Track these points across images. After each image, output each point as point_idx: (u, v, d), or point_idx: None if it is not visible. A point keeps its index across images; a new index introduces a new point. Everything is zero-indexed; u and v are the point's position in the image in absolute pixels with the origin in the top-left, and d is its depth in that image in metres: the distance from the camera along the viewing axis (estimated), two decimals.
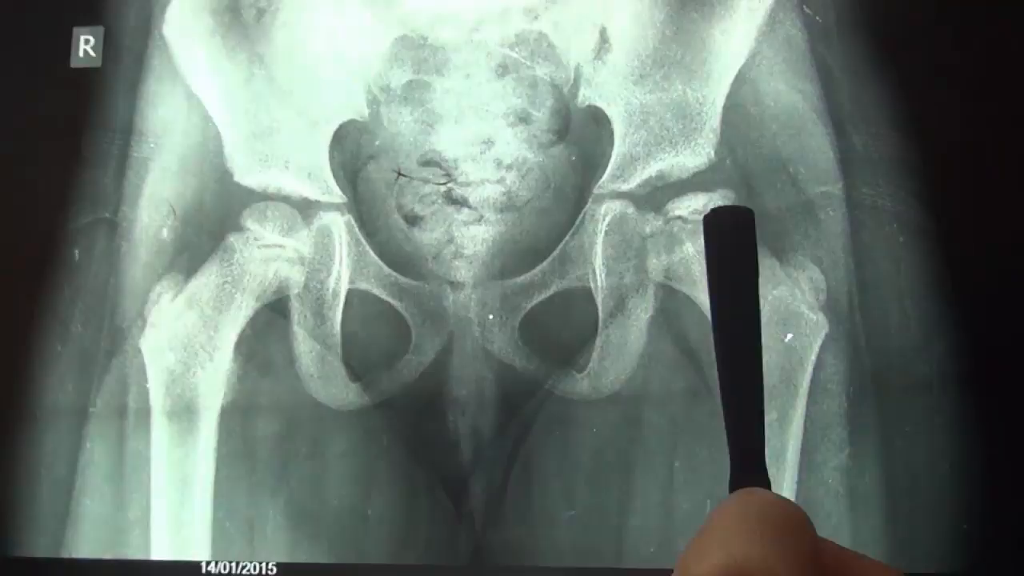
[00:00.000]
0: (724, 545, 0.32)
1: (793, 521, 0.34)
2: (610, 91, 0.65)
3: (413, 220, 0.66)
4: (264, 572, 0.63)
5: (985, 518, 0.59)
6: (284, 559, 0.64)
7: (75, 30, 0.70)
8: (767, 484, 0.37)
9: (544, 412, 0.64)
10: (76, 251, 0.68)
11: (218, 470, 0.65)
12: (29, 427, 0.67)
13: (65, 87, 0.70)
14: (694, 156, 0.64)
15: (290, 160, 0.67)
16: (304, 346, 0.66)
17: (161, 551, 0.65)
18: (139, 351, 0.67)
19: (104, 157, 0.69)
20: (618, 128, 0.65)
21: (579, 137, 0.66)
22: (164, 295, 0.67)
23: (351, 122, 0.67)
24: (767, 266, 0.63)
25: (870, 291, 0.62)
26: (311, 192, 0.67)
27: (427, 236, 0.66)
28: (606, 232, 0.65)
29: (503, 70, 0.66)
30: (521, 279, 0.65)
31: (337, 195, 0.67)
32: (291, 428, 0.65)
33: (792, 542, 0.33)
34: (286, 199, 0.67)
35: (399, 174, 0.66)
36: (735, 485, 0.37)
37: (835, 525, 0.60)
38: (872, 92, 0.63)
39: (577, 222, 0.65)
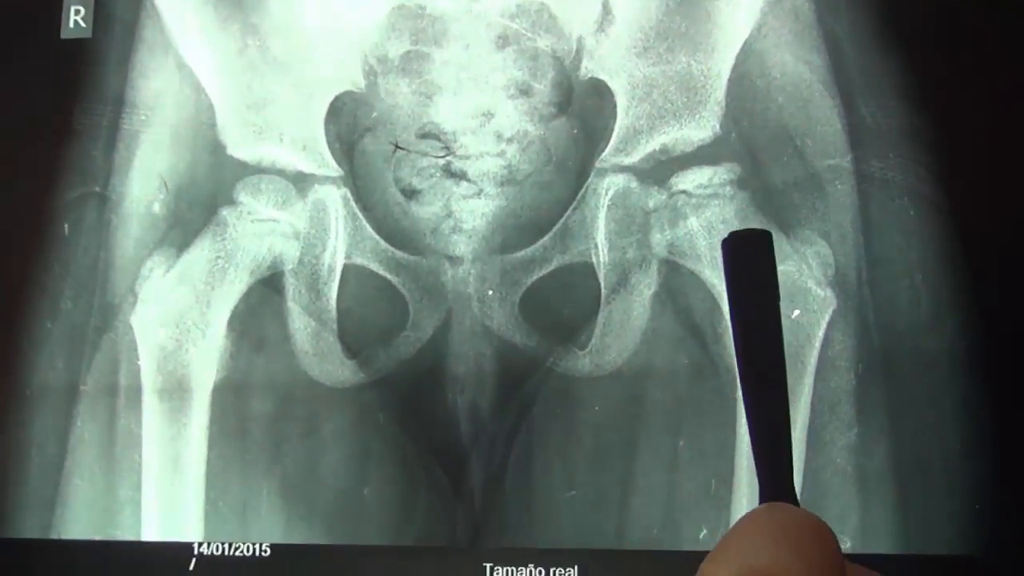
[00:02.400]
0: (742, 550, 0.32)
1: (817, 534, 0.33)
2: (613, 63, 0.64)
3: (411, 194, 0.65)
4: (258, 553, 0.62)
5: (999, 498, 0.58)
6: (278, 540, 0.63)
7: (65, 0, 0.69)
8: (796, 498, 0.37)
9: (545, 390, 0.62)
10: (65, 225, 0.67)
11: (210, 449, 0.64)
12: (18, 406, 0.66)
13: (55, 58, 0.68)
14: (699, 129, 0.63)
15: (285, 132, 0.66)
16: (299, 322, 0.65)
17: (152, 532, 0.64)
18: (130, 327, 0.65)
19: (94, 129, 0.67)
20: (621, 101, 0.64)
21: (581, 110, 0.64)
22: (155, 270, 0.66)
23: (347, 93, 0.66)
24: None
25: (879, 266, 0.61)
26: (306, 165, 0.66)
27: (425, 210, 0.64)
28: (609, 206, 0.63)
29: (503, 41, 0.65)
30: (521, 254, 0.64)
31: (333, 168, 0.66)
32: (285, 406, 0.64)
33: (813, 552, 0.32)
34: (280, 172, 0.66)
35: (396, 147, 0.65)
36: (764, 498, 0.37)
37: (843, 506, 0.59)
38: (881, 62, 0.61)
39: (579, 196, 0.64)
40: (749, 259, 0.38)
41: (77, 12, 0.68)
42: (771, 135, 0.62)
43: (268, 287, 0.65)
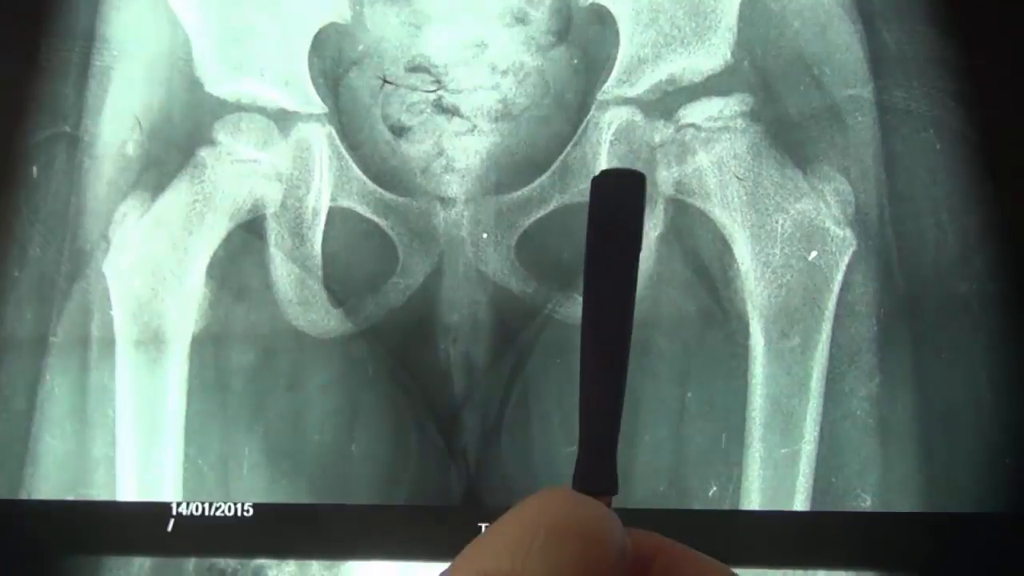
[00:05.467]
0: (483, 553, 0.29)
1: (581, 533, 0.30)
2: None
3: (400, 131, 0.61)
4: (239, 513, 0.60)
5: None
6: (261, 500, 0.60)
7: None
8: (611, 481, 0.33)
9: (543, 339, 0.59)
10: (34, 168, 0.64)
11: (189, 404, 0.62)
12: None
13: None
14: (708, 57, 0.59)
15: (266, 67, 0.63)
16: (282, 269, 0.62)
17: (128, 492, 0.61)
18: (103, 275, 0.63)
19: (64, 66, 0.64)
20: (624, 28, 0.60)
21: (581, 38, 0.61)
22: (129, 215, 0.63)
23: (332, 25, 0.62)
24: (789, 177, 0.58)
25: (903, 204, 0.57)
26: (288, 102, 0.63)
27: (415, 148, 0.61)
28: (611, 142, 0.60)
29: None
30: (518, 194, 0.61)
31: (317, 105, 0.62)
32: (268, 358, 0.61)
33: (567, 560, 0.29)
34: (261, 110, 0.63)
35: (384, 81, 0.61)
36: (574, 477, 0.34)
37: (864, 461, 0.56)
38: None
39: (579, 131, 0.60)
40: (617, 202, 0.35)
41: None
42: (786, 63, 0.59)
43: (249, 232, 0.62)
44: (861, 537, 0.55)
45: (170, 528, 0.60)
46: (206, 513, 0.60)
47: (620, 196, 0.35)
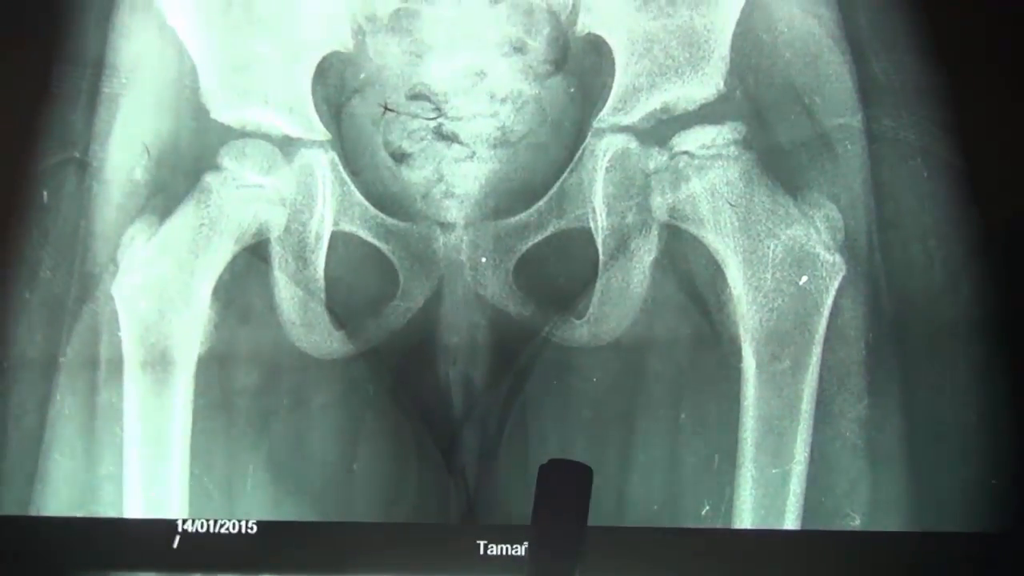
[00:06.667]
0: None
1: None
2: (611, 18, 0.61)
3: (401, 157, 0.62)
4: (244, 531, 0.60)
5: (1016, 473, 0.56)
6: (265, 517, 0.61)
7: None
8: None
9: (540, 360, 0.61)
10: (44, 192, 0.64)
11: (195, 423, 0.62)
12: None
13: (33, 18, 0.66)
14: (701, 87, 0.60)
15: (270, 95, 0.64)
16: (285, 292, 0.63)
17: (135, 509, 0.62)
18: (111, 298, 0.63)
19: (74, 93, 0.65)
20: (620, 57, 0.61)
21: (578, 67, 0.62)
22: (137, 238, 0.64)
23: (335, 54, 0.63)
24: (780, 203, 0.59)
25: (891, 230, 0.58)
26: (292, 129, 0.63)
27: (416, 174, 0.62)
28: (607, 169, 0.61)
29: None
30: (516, 219, 0.62)
31: (320, 132, 0.63)
32: (272, 378, 0.62)
33: None
34: (266, 136, 0.64)
35: (386, 109, 0.62)
36: None
37: (853, 481, 0.57)
38: (895, 15, 0.59)
39: (576, 158, 0.61)
40: (563, 499, 0.37)
41: None
42: (778, 93, 0.60)
43: (254, 255, 0.63)
44: (850, 555, 0.56)
45: (176, 545, 0.61)
46: (211, 530, 0.60)
47: (565, 494, 0.37)
